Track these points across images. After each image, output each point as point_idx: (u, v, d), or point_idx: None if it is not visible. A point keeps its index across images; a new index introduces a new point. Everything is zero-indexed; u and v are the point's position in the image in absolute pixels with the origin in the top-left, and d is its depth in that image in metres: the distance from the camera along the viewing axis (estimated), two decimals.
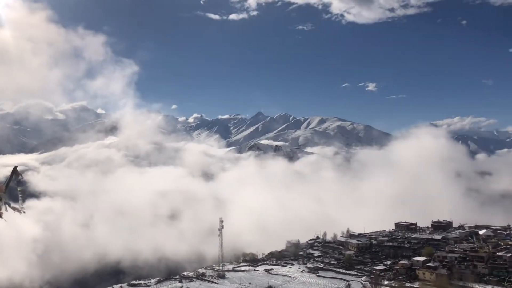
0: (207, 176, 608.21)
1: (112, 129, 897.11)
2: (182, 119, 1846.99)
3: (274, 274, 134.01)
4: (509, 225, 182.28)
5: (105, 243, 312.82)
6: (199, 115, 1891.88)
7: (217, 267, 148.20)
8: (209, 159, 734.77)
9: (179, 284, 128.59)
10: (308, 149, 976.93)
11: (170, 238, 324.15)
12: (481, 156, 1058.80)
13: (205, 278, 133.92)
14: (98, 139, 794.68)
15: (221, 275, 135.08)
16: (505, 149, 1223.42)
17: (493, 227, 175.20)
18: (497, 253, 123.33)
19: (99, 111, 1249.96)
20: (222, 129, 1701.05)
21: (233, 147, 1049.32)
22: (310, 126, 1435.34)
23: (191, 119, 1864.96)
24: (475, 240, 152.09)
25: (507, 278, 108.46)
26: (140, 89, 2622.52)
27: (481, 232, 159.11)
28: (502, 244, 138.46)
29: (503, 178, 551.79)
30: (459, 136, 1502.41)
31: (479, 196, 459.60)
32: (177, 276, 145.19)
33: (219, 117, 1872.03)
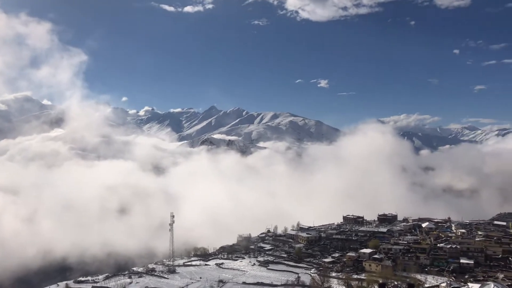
0: (158, 170, 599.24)
1: (58, 121, 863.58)
2: (132, 111, 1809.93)
3: (225, 268, 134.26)
4: (449, 218, 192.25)
5: (51, 239, 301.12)
6: (150, 108, 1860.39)
7: (167, 262, 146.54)
8: (160, 153, 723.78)
9: (128, 280, 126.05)
10: (261, 144, 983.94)
11: (119, 233, 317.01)
12: (425, 152, 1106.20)
13: (155, 274, 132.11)
14: (43, 131, 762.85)
15: (172, 270, 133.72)
16: (447, 146, 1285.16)
17: (435, 220, 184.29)
18: (438, 245, 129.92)
19: (45, 102, 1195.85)
20: (174, 123, 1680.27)
21: (185, 141, 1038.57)
22: (263, 121, 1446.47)
23: (142, 112, 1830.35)
24: (418, 232, 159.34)
25: (447, 268, 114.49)
26: (89, 79, 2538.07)
27: (424, 225, 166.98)
28: (443, 236, 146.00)
29: (445, 173, 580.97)
30: (405, 133, 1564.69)
31: (422, 190, 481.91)
32: (127, 272, 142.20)
33: (171, 110, 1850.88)
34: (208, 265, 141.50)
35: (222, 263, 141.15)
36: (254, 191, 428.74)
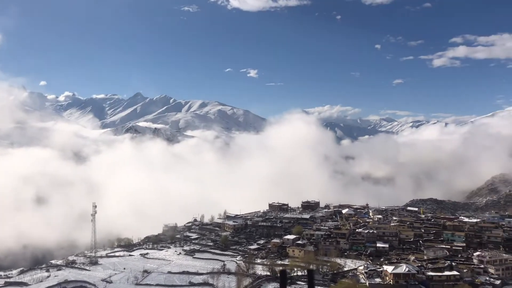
0: (79, 158, 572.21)
1: None
2: (51, 97, 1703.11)
3: (150, 258, 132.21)
4: (367, 205, 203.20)
5: None
6: (71, 94, 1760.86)
7: (89, 254, 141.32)
8: (81, 141, 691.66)
9: (46, 274, 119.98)
10: (189, 133, 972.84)
11: (36, 224, 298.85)
12: (346, 142, 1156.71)
13: (76, 266, 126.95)
14: None
15: (94, 262, 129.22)
16: (366, 136, 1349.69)
17: (354, 206, 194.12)
18: (357, 230, 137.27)
19: None
20: (97, 110, 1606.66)
21: (109, 129, 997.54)
22: (191, 110, 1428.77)
23: (62, 98, 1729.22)
24: (338, 218, 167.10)
25: (364, 252, 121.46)
26: (1, 60, 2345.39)
27: (344, 211, 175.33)
28: (361, 221, 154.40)
29: (364, 162, 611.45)
30: (328, 123, 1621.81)
31: (343, 178, 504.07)
32: (44, 265, 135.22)
33: (94, 96, 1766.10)
34: (133, 255, 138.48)
35: (147, 253, 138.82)
36: (181, 180, 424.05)
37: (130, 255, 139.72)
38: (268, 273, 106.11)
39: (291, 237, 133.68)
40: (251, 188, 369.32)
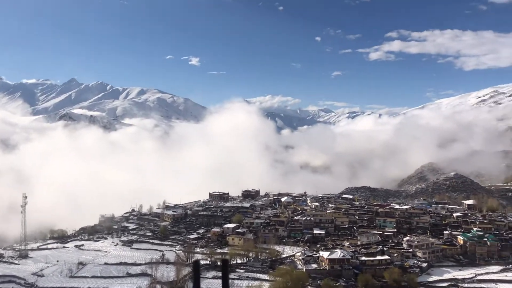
0: (7, 146, 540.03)
1: None
2: None
3: (85, 250, 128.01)
4: (305, 193, 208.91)
5: None
6: None
7: (18, 247, 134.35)
8: (9, 128, 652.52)
9: None
10: (127, 121, 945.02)
11: None
12: (286, 131, 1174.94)
13: (4, 260, 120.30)
14: None
15: (24, 255, 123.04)
16: (305, 126, 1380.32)
17: (293, 195, 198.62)
18: (295, 217, 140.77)
19: None
20: (28, 95, 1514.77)
21: (41, 116, 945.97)
22: (129, 97, 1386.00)
23: None
24: (278, 206, 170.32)
25: (302, 239, 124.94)
26: None
27: (283, 199, 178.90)
28: (299, 209, 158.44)
29: (303, 151, 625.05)
30: (269, 113, 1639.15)
31: (283, 166, 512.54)
32: None
33: (24, 81, 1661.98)
34: (67, 247, 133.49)
35: (82, 245, 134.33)
36: (118, 169, 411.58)
37: (64, 247, 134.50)
38: (208, 262, 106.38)
39: (231, 225, 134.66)
40: (192, 178, 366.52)
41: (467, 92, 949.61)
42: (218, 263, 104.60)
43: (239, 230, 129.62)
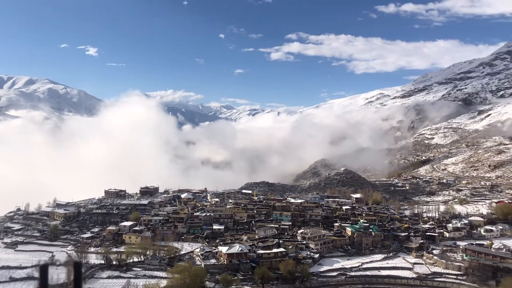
0: None
1: None
2: None
3: None
4: (205, 189, 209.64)
5: None
6: None
7: None
8: None
9: None
10: (12, 112, 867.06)
11: None
12: (187, 127, 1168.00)
13: None
14: None
15: None
16: (207, 122, 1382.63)
17: (193, 191, 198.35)
18: (195, 214, 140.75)
19: None
20: None
21: None
22: (16, 87, 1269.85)
23: None
24: (177, 203, 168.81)
25: (201, 235, 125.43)
26: None
27: (183, 196, 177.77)
28: (199, 205, 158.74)
29: (204, 147, 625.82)
30: (170, 108, 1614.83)
31: (184, 162, 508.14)
32: None
33: None
34: None
35: None
36: (1, 165, 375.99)
37: None
38: (102, 262, 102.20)
39: (128, 223, 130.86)
40: (86, 174, 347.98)
41: (356, 93, 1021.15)
42: (114, 263, 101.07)
43: (136, 228, 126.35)
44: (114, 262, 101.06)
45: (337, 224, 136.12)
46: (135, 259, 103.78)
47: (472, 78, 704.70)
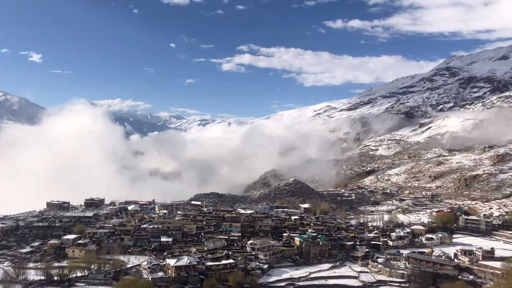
0: None
1: None
2: None
3: None
4: (153, 200, 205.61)
5: None
6: None
7: None
8: None
9: None
10: None
11: None
12: (135, 137, 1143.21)
13: None
14: None
15: None
16: (156, 132, 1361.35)
17: (141, 202, 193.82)
18: (142, 226, 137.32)
19: None
20: None
21: None
22: None
23: None
24: (124, 215, 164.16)
25: (148, 247, 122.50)
26: None
27: (130, 208, 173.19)
28: (147, 217, 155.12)
29: (152, 157, 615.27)
30: (117, 117, 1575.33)
31: (132, 173, 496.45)
32: None
33: None
34: None
35: None
36: None
37: None
38: (43, 277, 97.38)
39: (71, 236, 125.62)
40: (26, 186, 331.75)
41: (305, 105, 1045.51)
42: (55, 278, 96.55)
43: (80, 241, 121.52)
44: (55, 278, 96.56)
45: (286, 234, 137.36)
46: (79, 274, 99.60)
47: (414, 93, 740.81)
